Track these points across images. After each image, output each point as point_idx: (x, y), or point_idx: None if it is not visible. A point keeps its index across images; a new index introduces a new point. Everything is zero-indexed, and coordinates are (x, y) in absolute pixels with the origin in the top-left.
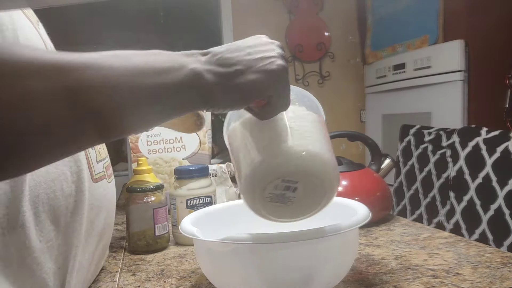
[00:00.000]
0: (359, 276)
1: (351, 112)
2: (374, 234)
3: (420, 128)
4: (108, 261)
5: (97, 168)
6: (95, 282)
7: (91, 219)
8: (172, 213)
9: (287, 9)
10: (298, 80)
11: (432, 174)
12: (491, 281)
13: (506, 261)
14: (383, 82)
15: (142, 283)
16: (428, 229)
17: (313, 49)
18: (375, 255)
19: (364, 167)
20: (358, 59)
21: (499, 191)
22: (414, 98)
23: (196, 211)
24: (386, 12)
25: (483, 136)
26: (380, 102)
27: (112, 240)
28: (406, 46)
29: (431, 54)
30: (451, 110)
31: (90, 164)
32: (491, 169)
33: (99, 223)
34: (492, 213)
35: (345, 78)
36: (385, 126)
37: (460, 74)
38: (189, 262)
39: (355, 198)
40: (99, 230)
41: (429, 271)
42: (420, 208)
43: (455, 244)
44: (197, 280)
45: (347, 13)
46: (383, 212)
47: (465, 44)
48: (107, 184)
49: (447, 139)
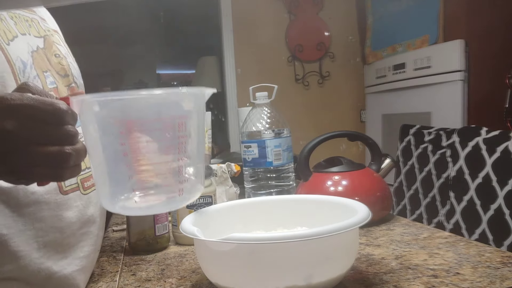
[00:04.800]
0: (359, 276)
1: (351, 112)
2: (374, 234)
3: (420, 128)
4: (108, 261)
5: (69, 180)
6: (95, 282)
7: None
8: (172, 213)
9: (287, 9)
10: (298, 80)
11: (432, 174)
12: (491, 280)
13: (506, 261)
14: (383, 82)
15: (142, 283)
16: (428, 229)
17: (313, 49)
18: (375, 255)
19: (364, 167)
20: (358, 59)
21: (499, 191)
22: (414, 98)
23: (196, 211)
24: (386, 12)
25: (483, 136)
26: (380, 102)
27: (112, 240)
28: (406, 46)
29: (431, 54)
30: (451, 110)
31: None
32: (491, 169)
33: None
34: (492, 213)
35: (345, 78)
36: (385, 126)
37: (460, 74)
38: (189, 262)
39: (355, 198)
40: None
41: (429, 270)
42: (420, 208)
43: (455, 244)
44: (197, 280)
45: (347, 13)
46: (383, 212)
47: (465, 44)
48: (81, 196)
49: (447, 139)
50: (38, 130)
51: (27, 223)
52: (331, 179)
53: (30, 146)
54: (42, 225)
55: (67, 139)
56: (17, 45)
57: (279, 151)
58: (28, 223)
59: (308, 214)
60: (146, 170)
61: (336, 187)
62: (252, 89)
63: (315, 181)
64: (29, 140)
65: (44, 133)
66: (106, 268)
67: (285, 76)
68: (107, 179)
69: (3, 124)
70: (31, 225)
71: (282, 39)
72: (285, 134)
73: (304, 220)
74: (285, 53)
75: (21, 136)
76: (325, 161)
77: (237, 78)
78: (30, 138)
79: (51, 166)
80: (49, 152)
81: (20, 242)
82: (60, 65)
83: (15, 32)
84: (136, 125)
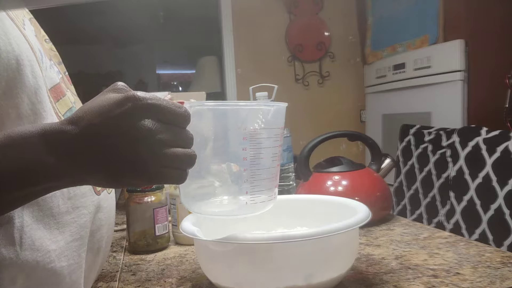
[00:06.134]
0: (359, 275)
1: (351, 112)
2: (374, 234)
3: (420, 128)
4: (108, 261)
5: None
6: (96, 282)
7: (91, 233)
8: (172, 213)
9: (287, 9)
10: (298, 80)
11: (432, 174)
12: (491, 280)
13: (506, 261)
14: (383, 82)
15: (142, 283)
16: (428, 229)
17: (313, 49)
18: (375, 255)
19: (364, 167)
20: (358, 59)
21: (499, 191)
22: (414, 98)
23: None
24: (386, 12)
25: (483, 136)
26: (380, 102)
27: (112, 240)
28: (406, 46)
29: (431, 54)
30: (451, 110)
31: None
32: (491, 169)
33: (100, 237)
34: (492, 213)
35: (345, 78)
36: (385, 126)
37: (460, 74)
38: (189, 262)
39: (355, 198)
40: (98, 244)
41: (429, 270)
42: (420, 208)
43: (455, 244)
44: (197, 279)
45: (347, 13)
46: (383, 212)
47: (465, 44)
48: (107, 196)
49: (447, 139)
50: (171, 132)
51: (73, 233)
52: (331, 179)
53: (164, 148)
54: (87, 231)
55: (189, 142)
56: (29, 29)
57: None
58: (75, 233)
59: (308, 214)
60: (258, 175)
61: (336, 187)
62: (252, 89)
63: (315, 181)
64: (163, 142)
65: (176, 136)
66: (106, 268)
67: (285, 76)
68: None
69: (144, 122)
70: (78, 234)
71: (282, 39)
72: (285, 134)
73: (304, 220)
74: (285, 53)
75: (159, 139)
76: (325, 161)
77: (237, 78)
78: (166, 141)
79: (180, 168)
80: (180, 154)
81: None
82: (53, 51)
83: (22, 15)
84: (258, 132)
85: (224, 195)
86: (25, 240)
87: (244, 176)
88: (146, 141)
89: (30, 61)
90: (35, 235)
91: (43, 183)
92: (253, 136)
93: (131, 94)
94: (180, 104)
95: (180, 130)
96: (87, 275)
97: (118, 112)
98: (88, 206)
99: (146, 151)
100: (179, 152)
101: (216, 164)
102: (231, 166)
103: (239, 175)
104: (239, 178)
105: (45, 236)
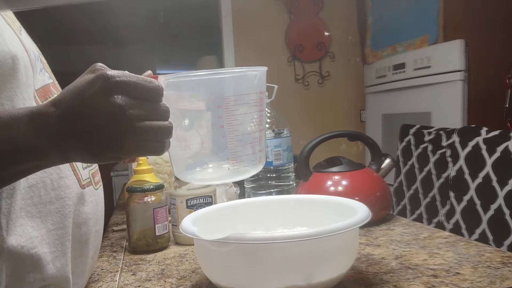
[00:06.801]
0: (359, 275)
1: (351, 112)
2: (374, 234)
3: (420, 128)
4: (108, 261)
5: (84, 174)
6: (95, 281)
7: (77, 225)
8: (172, 213)
9: (287, 9)
10: (298, 80)
11: (432, 174)
12: (491, 280)
13: (506, 261)
14: (383, 82)
15: (142, 283)
16: (428, 228)
17: (313, 49)
18: (375, 255)
19: (364, 167)
20: (358, 59)
21: (499, 191)
22: (414, 98)
23: (196, 211)
24: (386, 12)
25: (483, 136)
26: (380, 102)
27: (112, 240)
28: (406, 46)
29: (431, 54)
30: (451, 110)
31: (76, 170)
32: (491, 169)
33: (87, 229)
34: (492, 213)
35: (345, 78)
36: (385, 126)
37: (460, 74)
38: (189, 262)
39: (355, 198)
40: (86, 237)
41: (429, 270)
42: (420, 208)
43: (455, 243)
44: (197, 279)
45: (347, 13)
46: (383, 212)
47: (465, 44)
48: (94, 191)
49: (447, 139)
50: (144, 107)
51: (55, 222)
52: (331, 179)
53: (138, 122)
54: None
55: (165, 115)
56: (25, 35)
57: (279, 151)
58: (57, 222)
59: (308, 214)
60: (238, 140)
61: (336, 187)
62: None
63: (315, 181)
64: (137, 116)
65: (149, 110)
66: (106, 268)
67: (285, 76)
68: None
69: (114, 99)
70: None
71: (282, 39)
72: (285, 134)
73: (304, 220)
74: (285, 53)
75: (131, 114)
76: (325, 161)
77: None
78: (139, 115)
79: (157, 140)
80: (155, 127)
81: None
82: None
83: (18, 23)
84: (232, 99)
85: (209, 163)
86: (10, 225)
87: (223, 142)
88: (118, 117)
89: (24, 62)
90: (18, 222)
91: (31, 161)
92: (227, 104)
93: (100, 73)
94: (152, 79)
95: (153, 104)
96: (77, 265)
97: (90, 92)
98: (72, 198)
99: (120, 127)
100: (154, 125)
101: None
102: (199, 130)
103: (218, 142)
104: (219, 145)
105: (27, 224)
